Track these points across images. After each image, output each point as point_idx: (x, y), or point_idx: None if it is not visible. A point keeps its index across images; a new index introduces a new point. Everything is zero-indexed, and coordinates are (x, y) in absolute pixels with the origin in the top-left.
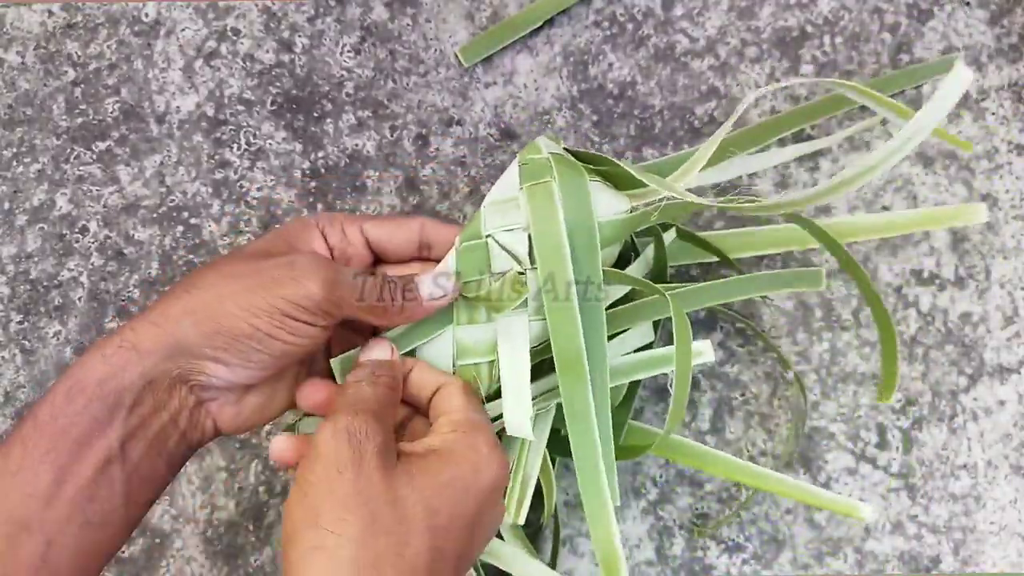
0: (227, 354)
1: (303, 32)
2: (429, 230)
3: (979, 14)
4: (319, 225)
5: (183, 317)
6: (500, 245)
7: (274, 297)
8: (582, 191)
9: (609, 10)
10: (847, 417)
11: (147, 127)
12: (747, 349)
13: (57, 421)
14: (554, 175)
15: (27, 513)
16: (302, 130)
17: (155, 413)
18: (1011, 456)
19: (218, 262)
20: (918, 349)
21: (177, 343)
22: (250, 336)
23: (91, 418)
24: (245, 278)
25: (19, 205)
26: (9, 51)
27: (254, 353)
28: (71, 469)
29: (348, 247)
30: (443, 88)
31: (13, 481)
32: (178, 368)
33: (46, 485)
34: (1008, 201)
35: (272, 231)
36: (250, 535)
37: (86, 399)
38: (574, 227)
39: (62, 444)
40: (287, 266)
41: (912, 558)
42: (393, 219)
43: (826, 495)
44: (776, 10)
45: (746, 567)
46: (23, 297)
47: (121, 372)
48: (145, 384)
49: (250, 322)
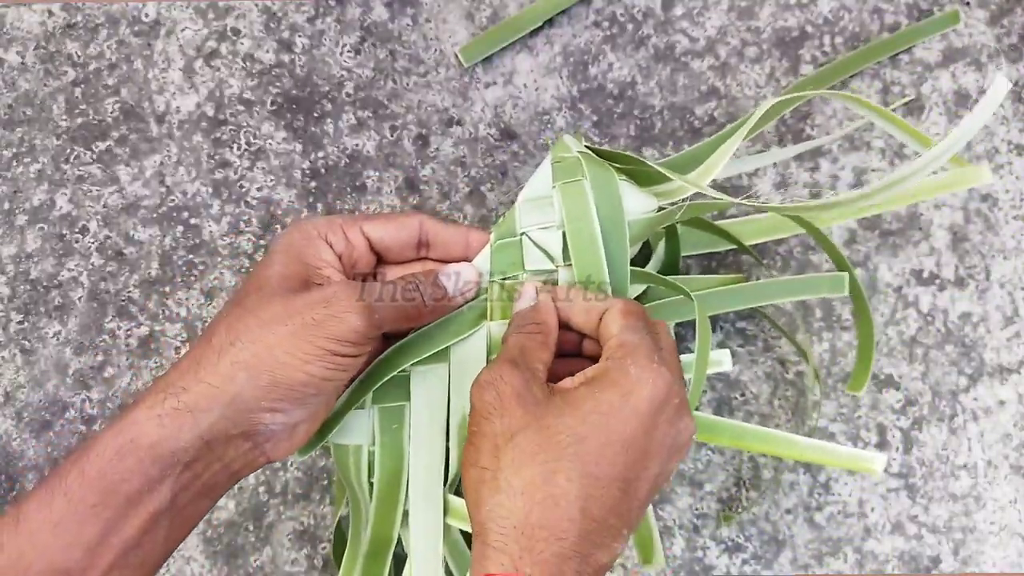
0: (284, 402)
1: (303, 32)
2: (428, 229)
3: (979, 14)
4: (322, 235)
5: (236, 373)
6: (534, 243)
7: (322, 340)
8: (613, 190)
9: (609, 10)
10: (847, 417)
11: (147, 127)
12: (747, 349)
13: (106, 477)
14: (585, 173)
15: (69, 564)
16: (302, 130)
17: (208, 466)
18: (1011, 456)
19: (248, 303)
20: (918, 349)
21: (233, 401)
22: (306, 384)
23: (144, 476)
24: (286, 322)
25: (19, 205)
26: (9, 51)
27: (310, 397)
28: (119, 523)
29: (353, 251)
30: (443, 88)
31: (55, 531)
32: (236, 426)
33: (92, 537)
34: (1008, 201)
35: (279, 249)
36: (250, 535)
37: (138, 458)
38: (606, 225)
39: (111, 500)
40: (323, 304)
41: (912, 558)
42: (392, 218)
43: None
44: (776, 10)
45: (746, 567)
46: (23, 297)
47: (177, 434)
48: (203, 444)
49: (304, 370)
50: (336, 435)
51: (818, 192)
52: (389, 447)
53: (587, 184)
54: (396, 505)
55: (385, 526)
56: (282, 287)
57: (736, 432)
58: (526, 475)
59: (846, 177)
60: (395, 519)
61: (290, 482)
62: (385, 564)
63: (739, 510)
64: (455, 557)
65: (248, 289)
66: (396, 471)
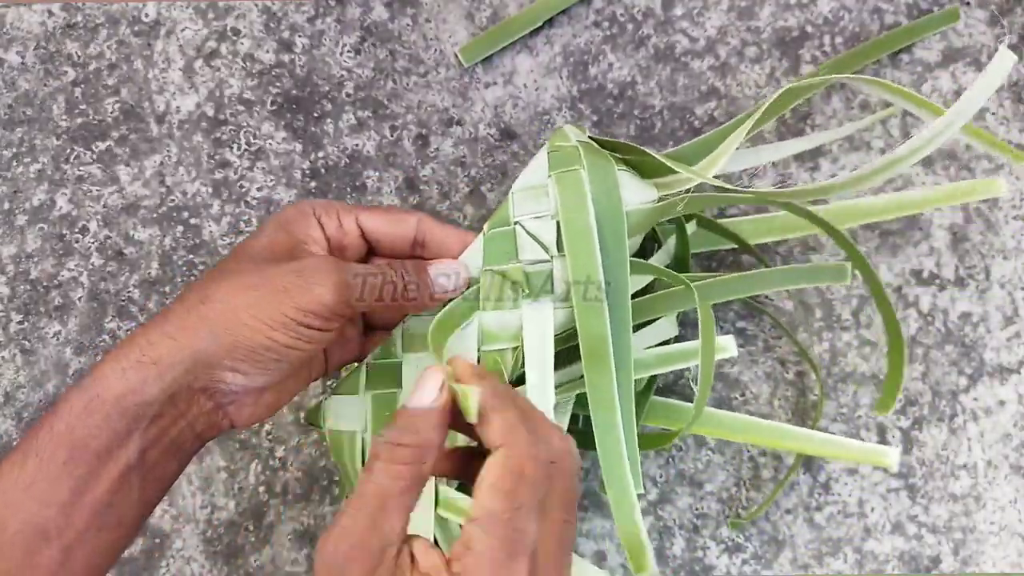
0: (246, 364)
1: (303, 32)
2: (425, 228)
3: (979, 14)
4: (316, 214)
5: (201, 330)
6: (528, 232)
7: (288, 308)
8: (610, 180)
9: (609, 10)
10: (847, 417)
11: (147, 127)
12: (747, 349)
13: (75, 433)
14: (583, 163)
15: (44, 522)
16: (302, 130)
17: (174, 422)
18: (1011, 456)
19: (227, 267)
20: (918, 349)
21: (196, 356)
22: (268, 348)
23: (111, 431)
24: (257, 287)
25: (19, 205)
26: (9, 51)
27: (272, 362)
28: (90, 480)
29: (344, 237)
30: (443, 88)
31: (28, 491)
32: (198, 381)
33: (65, 495)
34: (1008, 201)
35: (271, 220)
36: (250, 535)
37: (105, 413)
38: (602, 215)
39: (81, 456)
40: (296, 273)
41: (912, 558)
42: (390, 212)
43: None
44: (776, 10)
45: (746, 567)
46: (23, 297)
47: (141, 387)
48: (166, 398)
49: (267, 335)
50: (331, 421)
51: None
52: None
53: (584, 174)
54: None
55: None
56: (263, 255)
57: (748, 427)
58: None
59: (846, 177)
60: None
61: (290, 482)
62: None
63: (742, 510)
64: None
65: (230, 255)
66: None
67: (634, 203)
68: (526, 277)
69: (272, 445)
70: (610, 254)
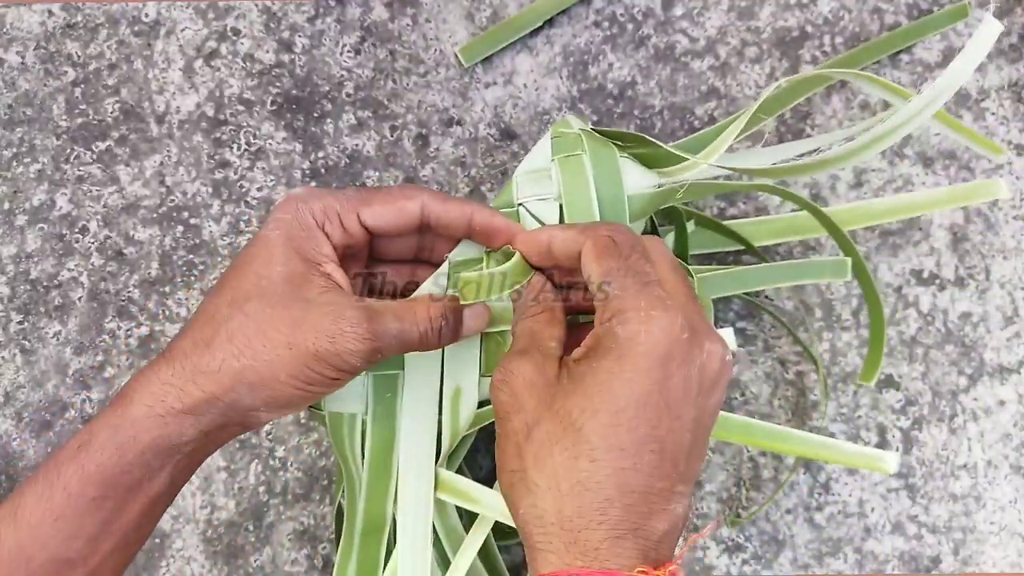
0: (282, 409)
1: (303, 32)
2: (429, 212)
3: (979, 14)
4: (320, 225)
5: (238, 385)
6: (531, 214)
7: (324, 367)
8: (612, 164)
9: (609, 10)
10: (847, 417)
11: (147, 127)
12: (747, 349)
13: (106, 471)
14: (585, 148)
15: (71, 554)
16: (302, 130)
17: (206, 449)
18: (1011, 456)
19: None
20: (918, 349)
21: (232, 405)
22: (304, 399)
23: (145, 468)
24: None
25: (19, 205)
26: (9, 51)
27: (305, 404)
28: (120, 512)
29: (350, 239)
30: (443, 88)
31: (56, 524)
32: (233, 421)
33: (93, 528)
34: (1008, 201)
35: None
36: (250, 535)
37: (140, 452)
38: (604, 199)
39: (112, 492)
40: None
41: (912, 558)
42: (392, 200)
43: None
44: (776, 10)
45: (746, 567)
46: (23, 297)
47: (179, 431)
48: (202, 436)
49: (305, 389)
50: (331, 403)
51: (817, 192)
52: (382, 416)
53: (586, 158)
54: (389, 479)
55: (378, 501)
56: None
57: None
58: (548, 469)
59: (846, 177)
60: (388, 493)
61: (290, 482)
62: (381, 543)
63: (743, 510)
64: (448, 533)
65: (249, 290)
66: (388, 441)
67: (635, 188)
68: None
69: (272, 445)
70: None
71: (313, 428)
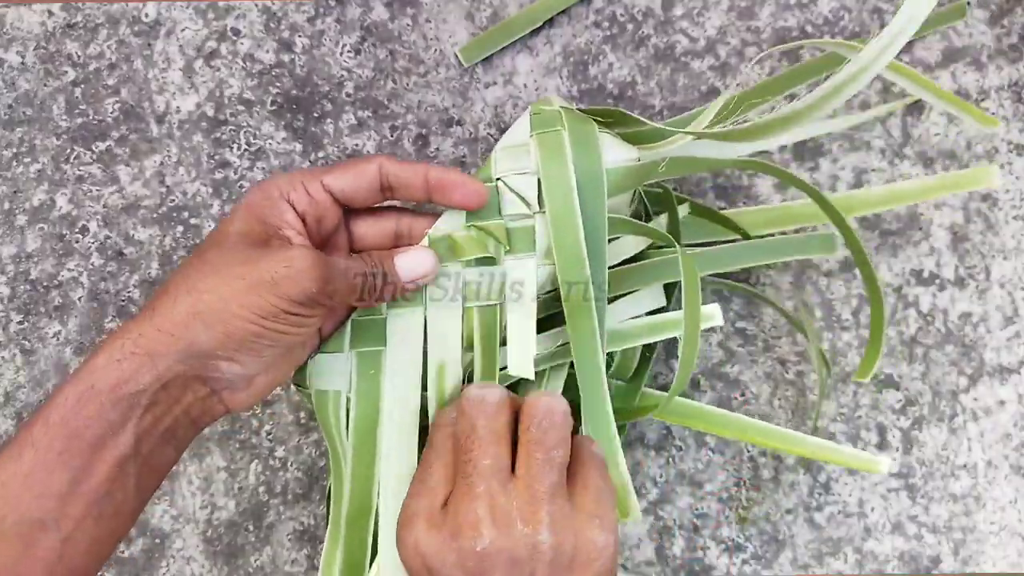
0: (239, 353)
1: (303, 32)
2: (387, 172)
3: (979, 14)
4: (284, 194)
5: (192, 321)
6: (510, 188)
7: (275, 297)
8: (591, 139)
9: (609, 10)
10: (847, 417)
11: (147, 127)
12: (747, 349)
13: (69, 424)
14: (564, 124)
15: (42, 513)
16: (302, 130)
17: (169, 410)
18: (1011, 456)
19: (207, 257)
20: (918, 349)
21: (189, 347)
22: (260, 336)
23: (105, 421)
24: (243, 276)
25: (19, 205)
26: (9, 51)
27: (265, 348)
28: (86, 469)
29: (316, 207)
30: (443, 88)
31: (25, 482)
32: (192, 369)
33: (61, 485)
34: (1008, 201)
35: (240, 208)
36: (250, 535)
37: (99, 403)
38: (582, 172)
39: (76, 446)
40: (283, 263)
41: (912, 558)
42: (351, 167)
43: (847, 451)
44: (776, 10)
45: (746, 567)
46: (23, 297)
47: (135, 377)
48: (160, 387)
49: (258, 323)
50: (316, 380)
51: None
52: (366, 393)
53: (565, 134)
54: (373, 457)
55: (364, 480)
56: (242, 243)
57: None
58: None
59: (846, 177)
60: (373, 474)
61: (290, 482)
62: (368, 527)
63: (743, 510)
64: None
65: (208, 244)
66: (372, 419)
67: (615, 161)
68: (508, 233)
69: (272, 445)
70: (589, 207)
71: (313, 428)
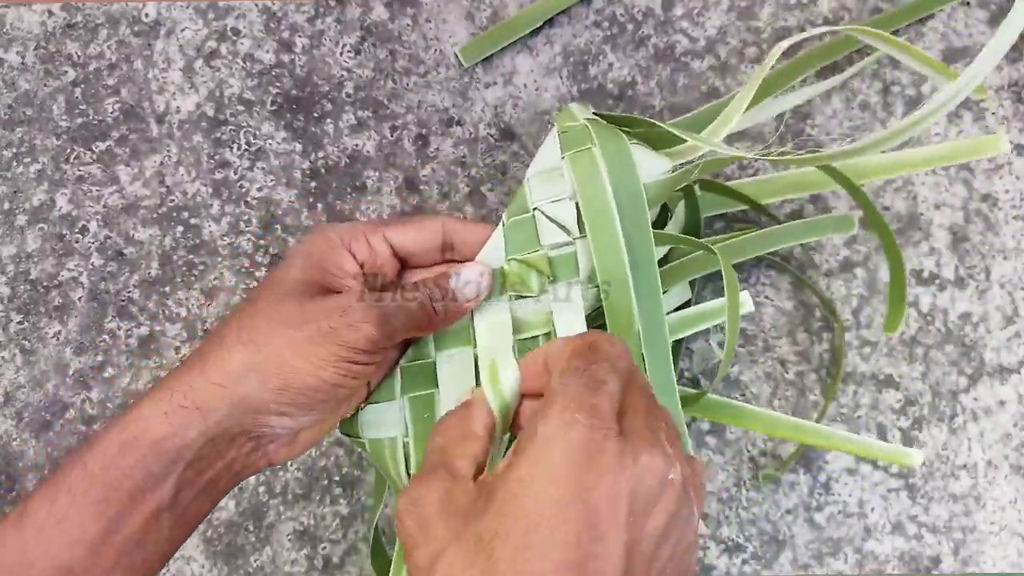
0: (292, 407)
1: (303, 32)
2: (450, 230)
3: (979, 14)
4: (344, 243)
5: (247, 374)
6: (547, 217)
7: (336, 347)
8: (624, 155)
9: (609, 10)
10: (847, 417)
11: (147, 127)
12: (747, 349)
13: (109, 472)
14: (594, 141)
15: (72, 560)
16: (302, 130)
17: (211, 464)
18: (1011, 456)
19: (262, 306)
20: (918, 349)
21: (242, 401)
22: (317, 388)
23: (146, 473)
24: (300, 327)
25: (19, 205)
26: (9, 51)
27: (319, 402)
28: (121, 519)
29: (376, 258)
30: (443, 88)
31: (59, 528)
32: (242, 424)
33: (94, 534)
34: (1008, 201)
35: (299, 254)
36: (250, 535)
37: (141, 455)
38: (620, 192)
39: (114, 496)
40: (339, 312)
41: (912, 558)
42: (414, 223)
43: (876, 444)
44: (776, 10)
45: (746, 567)
46: (23, 297)
47: (182, 432)
48: (206, 441)
49: (316, 375)
50: (369, 430)
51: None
52: (423, 437)
53: (597, 151)
54: None
55: None
56: (298, 291)
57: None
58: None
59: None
60: None
61: (290, 482)
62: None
63: (743, 510)
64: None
65: (263, 290)
66: None
67: (650, 175)
68: (550, 262)
69: None
70: (631, 227)
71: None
